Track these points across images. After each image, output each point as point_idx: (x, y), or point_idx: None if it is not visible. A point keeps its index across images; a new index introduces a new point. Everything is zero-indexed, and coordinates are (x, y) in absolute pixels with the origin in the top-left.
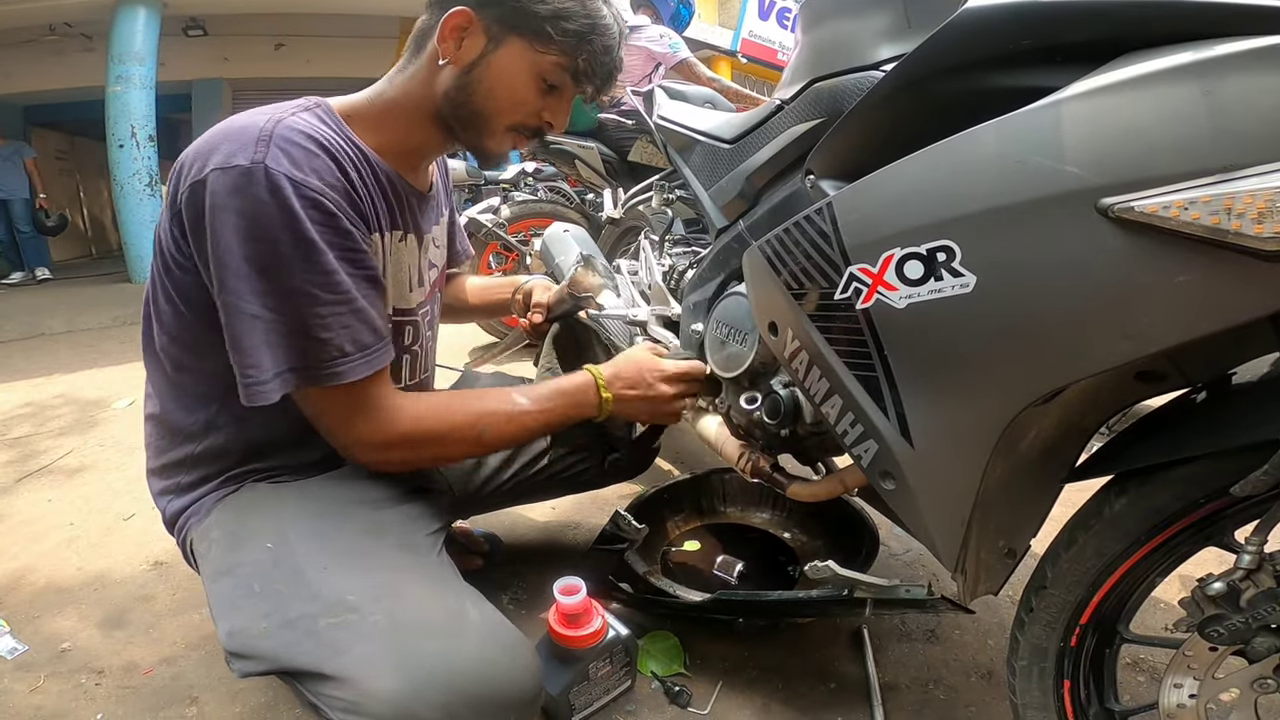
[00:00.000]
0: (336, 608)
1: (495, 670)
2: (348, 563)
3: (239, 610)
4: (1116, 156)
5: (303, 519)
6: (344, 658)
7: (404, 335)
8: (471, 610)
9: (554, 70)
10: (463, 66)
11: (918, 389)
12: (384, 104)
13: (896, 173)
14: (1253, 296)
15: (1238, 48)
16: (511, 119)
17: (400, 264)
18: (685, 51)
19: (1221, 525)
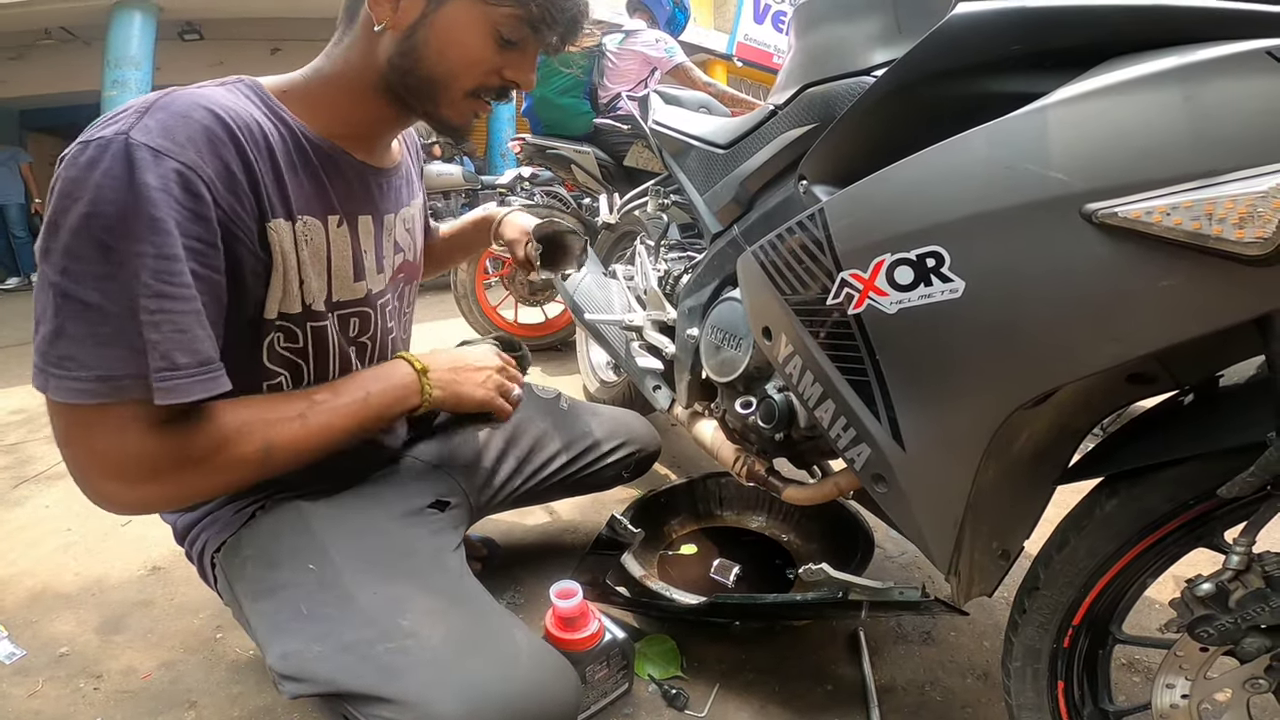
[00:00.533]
0: (393, 633)
1: (545, 692)
2: (394, 585)
3: (289, 633)
4: (1100, 162)
5: (341, 539)
6: (402, 681)
7: (349, 327)
8: (519, 636)
9: (509, 22)
10: (403, 30)
11: (909, 393)
12: (321, 80)
13: (887, 179)
14: (1236, 300)
15: (1219, 53)
16: (469, 81)
17: (341, 251)
18: (681, 56)
19: (1211, 526)
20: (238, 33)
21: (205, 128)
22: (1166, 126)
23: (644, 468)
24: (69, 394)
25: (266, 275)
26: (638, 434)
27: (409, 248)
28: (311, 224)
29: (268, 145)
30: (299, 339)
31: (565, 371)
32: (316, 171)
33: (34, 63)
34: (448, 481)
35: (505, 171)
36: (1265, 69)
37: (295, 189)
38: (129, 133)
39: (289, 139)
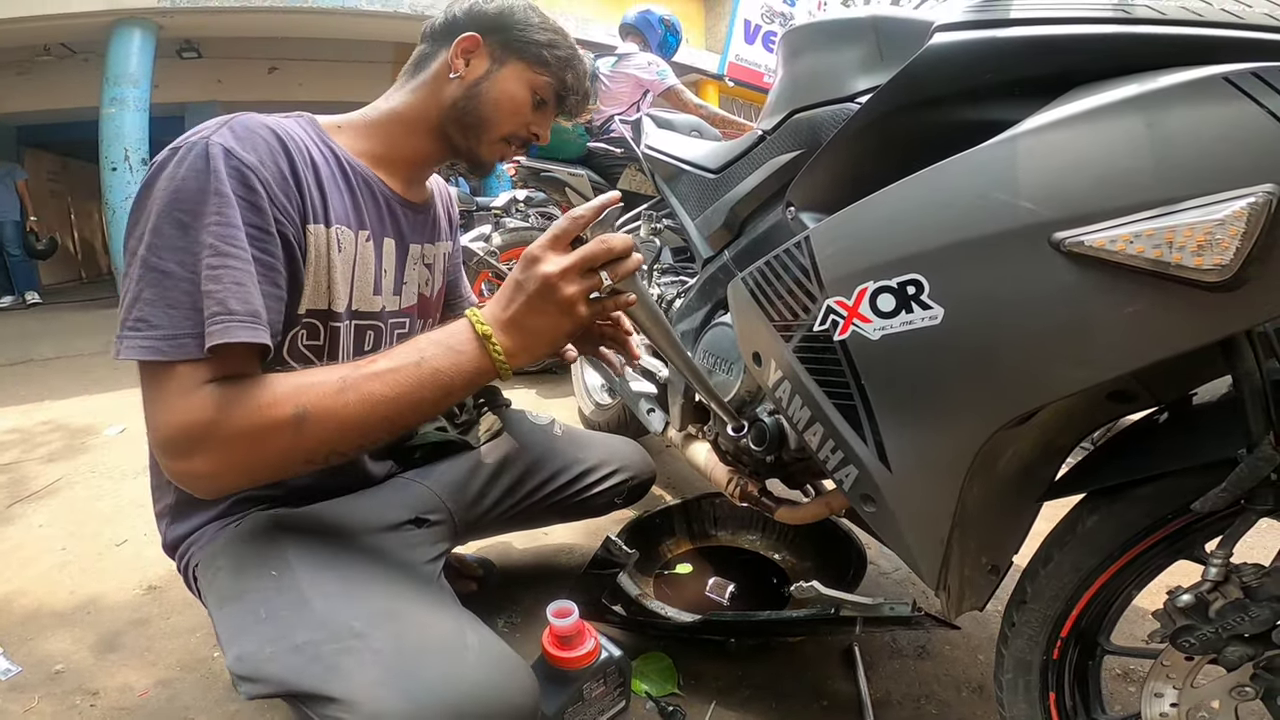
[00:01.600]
0: (341, 634)
1: (494, 692)
2: (350, 590)
3: (246, 635)
4: (1066, 191)
5: (306, 547)
6: (348, 681)
7: (364, 339)
8: (470, 634)
9: (546, 87)
10: (470, 81)
11: (894, 416)
12: (380, 115)
13: (868, 207)
14: (1199, 325)
15: (1177, 80)
16: (507, 128)
17: (365, 264)
18: (673, 79)
19: (1191, 539)
20: (236, 51)
21: (266, 140)
22: (1128, 154)
23: (637, 494)
24: (135, 351)
25: (302, 272)
26: (631, 461)
27: (427, 284)
28: (345, 233)
29: (313, 162)
30: (320, 336)
31: (560, 394)
32: (354, 190)
33: (33, 79)
34: (432, 499)
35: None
36: (1222, 95)
37: (335, 201)
38: (209, 138)
39: (332, 160)
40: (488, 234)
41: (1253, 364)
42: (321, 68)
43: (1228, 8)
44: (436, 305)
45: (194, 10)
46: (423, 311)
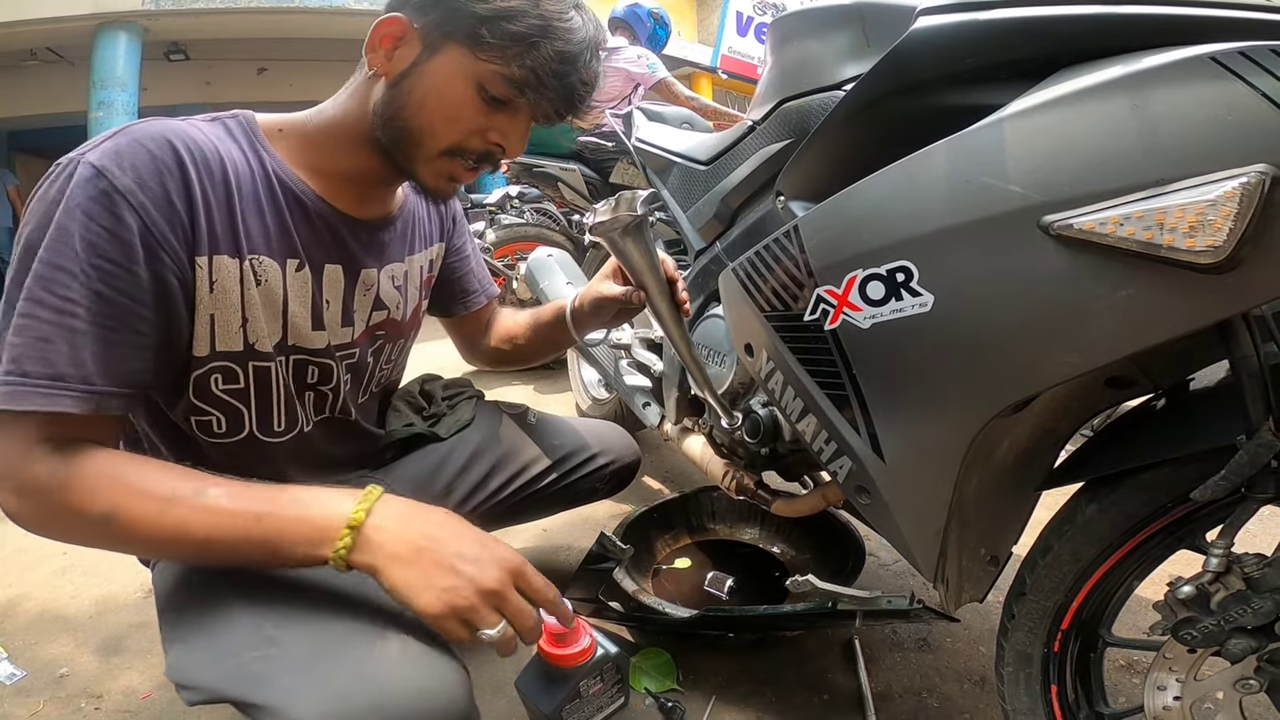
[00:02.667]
0: (261, 641)
1: (415, 691)
2: (275, 595)
3: (177, 644)
4: (1055, 174)
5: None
6: (268, 689)
7: (307, 374)
8: (391, 633)
9: (494, 80)
10: (393, 78)
11: (886, 406)
12: (319, 123)
13: (856, 194)
14: (1193, 308)
15: (1164, 60)
16: (446, 139)
17: (300, 297)
18: (663, 71)
19: (1192, 528)
20: (224, 53)
21: (153, 156)
22: (1116, 136)
23: (622, 480)
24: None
25: (183, 310)
26: (612, 445)
27: (395, 305)
28: (266, 264)
29: (225, 180)
30: (239, 379)
31: (557, 390)
32: (282, 213)
33: (20, 84)
34: None
35: (494, 190)
36: (1209, 75)
37: (253, 227)
38: (84, 156)
39: (259, 178)
40: (482, 231)
41: (1250, 348)
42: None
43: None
44: (413, 322)
45: (179, 12)
46: (393, 333)
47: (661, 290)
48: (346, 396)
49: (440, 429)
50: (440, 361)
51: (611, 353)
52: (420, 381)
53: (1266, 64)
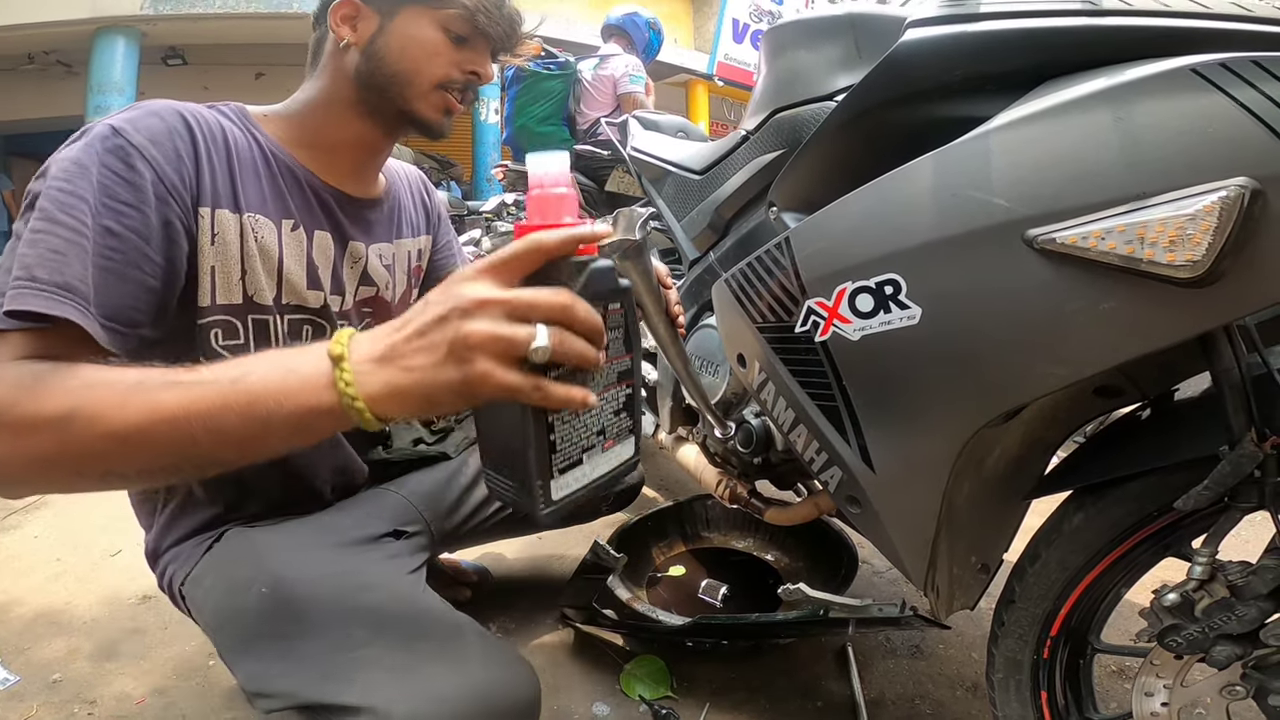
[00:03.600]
0: (344, 644)
1: (500, 687)
2: (345, 601)
3: (252, 654)
4: (1039, 187)
5: (292, 564)
6: (358, 688)
7: (302, 333)
8: (470, 635)
9: (454, 20)
10: (365, 42)
11: (876, 417)
12: (304, 103)
13: (845, 207)
14: (1175, 321)
15: (1145, 72)
16: (433, 73)
17: (295, 255)
18: (632, 86)
19: (1179, 536)
20: (221, 58)
21: (166, 122)
22: (1098, 149)
23: (625, 499)
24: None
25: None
26: None
27: (384, 284)
28: (262, 222)
29: (226, 146)
30: (239, 334)
31: None
32: (276, 180)
33: (17, 88)
34: (408, 510)
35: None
36: (1190, 87)
37: (249, 189)
38: (107, 120)
39: (254, 149)
40: (478, 239)
41: (1231, 360)
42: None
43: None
44: (402, 308)
45: (177, 17)
46: (381, 315)
47: (658, 308)
48: None
49: (448, 445)
50: None
51: None
52: None
53: (1247, 76)
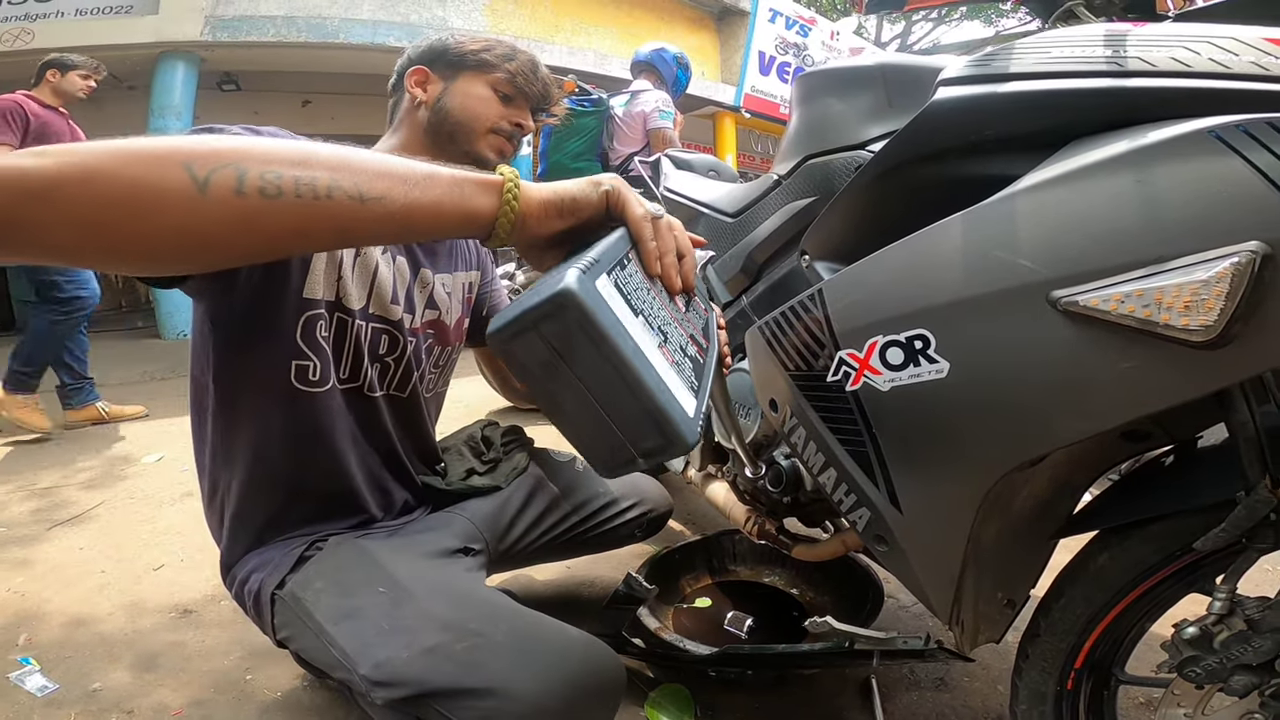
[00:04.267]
0: (465, 634)
1: (599, 667)
2: (457, 599)
3: (376, 646)
4: (1062, 250)
5: (402, 568)
6: (482, 672)
7: (379, 342)
8: (569, 628)
9: (501, 82)
10: (433, 100)
11: (904, 463)
12: (385, 148)
13: (878, 262)
14: (1190, 380)
15: (1164, 135)
16: (486, 121)
17: (383, 274)
18: (661, 122)
19: (1202, 574)
20: (272, 85)
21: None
22: (1119, 212)
23: (656, 527)
24: None
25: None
26: (650, 495)
27: (445, 309)
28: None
29: None
30: (326, 328)
31: None
32: None
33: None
34: (472, 530)
35: None
36: (1208, 150)
37: None
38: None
39: None
40: (511, 272)
41: (1245, 414)
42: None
43: (1216, 57)
44: (457, 335)
45: (234, 44)
46: (441, 338)
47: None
48: (409, 378)
49: (499, 476)
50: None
51: None
52: (480, 426)
53: (1263, 139)
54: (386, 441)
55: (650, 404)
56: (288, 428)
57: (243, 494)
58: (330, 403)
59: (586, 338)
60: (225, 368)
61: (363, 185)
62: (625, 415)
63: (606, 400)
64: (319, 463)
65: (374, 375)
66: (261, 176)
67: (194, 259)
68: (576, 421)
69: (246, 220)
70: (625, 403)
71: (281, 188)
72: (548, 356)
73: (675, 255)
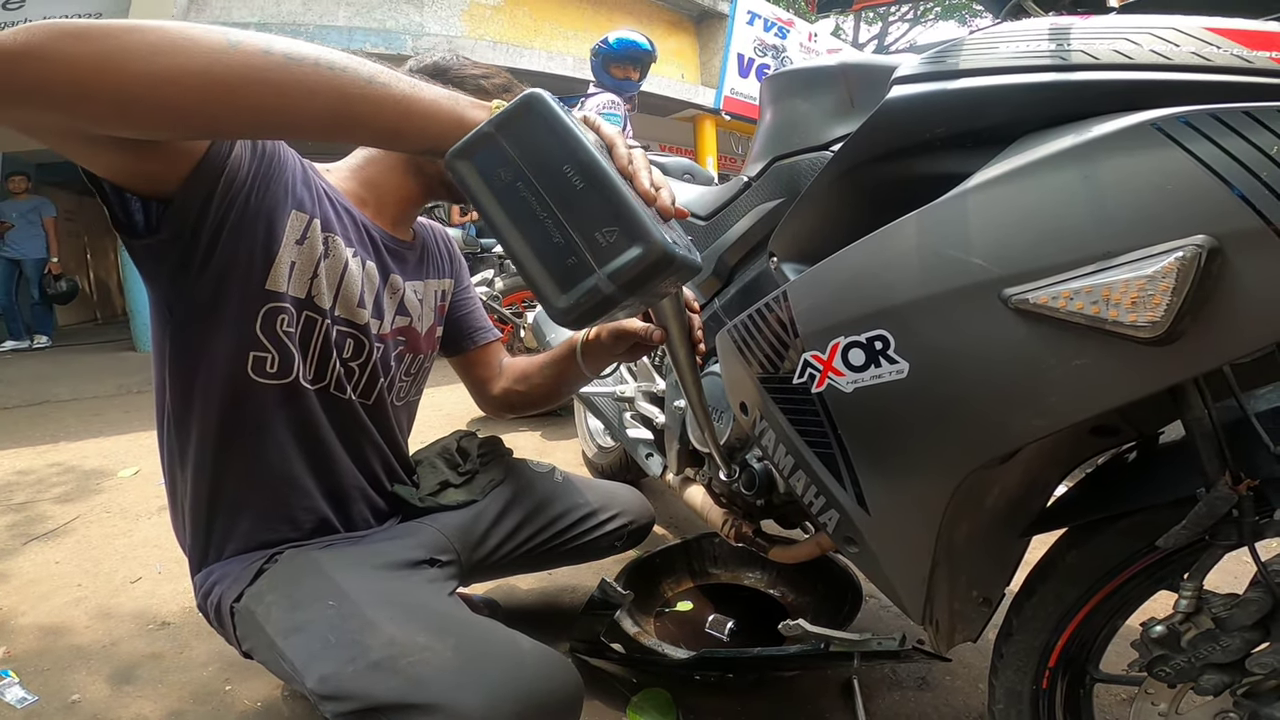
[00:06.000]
0: (412, 649)
1: (551, 684)
2: (408, 612)
3: (322, 659)
4: (1011, 248)
5: (354, 581)
6: (428, 688)
7: (345, 345)
8: (523, 640)
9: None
10: None
11: (870, 463)
12: (356, 164)
13: (838, 263)
14: (1140, 377)
15: (1109, 128)
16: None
17: (352, 277)
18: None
19: (1170, 570)
20: None
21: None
22: (1066, 208)
23: (637, 538)
24: None
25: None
26: (631, 507)
27: (417, 316)
28: (338, 241)
29: (316, 185)
30: (294, 324)
31: (564, 436)
32: (342, 216)
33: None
34: (442, 541)
35: None
36: (1151, 143)
37: (330, 215)
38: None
39: (324, 188)
40: (490, 278)
41: (1200, 410)
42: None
43: (1156, 48)
44: (429, 343)
45: None
46: (412, 345)
47: (683, 337)
48: (376, 385)
49: (475, 489)
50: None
51: (616, 405)
52: (456, 438)
53: (1206, 130)
54: (353, 447)
55: (614, 197)
56: (244, 422)
57: (199, 495)
58: (290, 398)
59: (551, 132)
60: (181, 356)
61: (373, 71)
62: (586, 217)
63: (566, 203)
64: (273, 461)
65: (341, 376)
66: (288, 46)
67: (206, 109)
68: (533, 240)
69: (264, 74)
70: (588, 202)
71: (304, 56)
72: (507, 164)
73: (647, 171)
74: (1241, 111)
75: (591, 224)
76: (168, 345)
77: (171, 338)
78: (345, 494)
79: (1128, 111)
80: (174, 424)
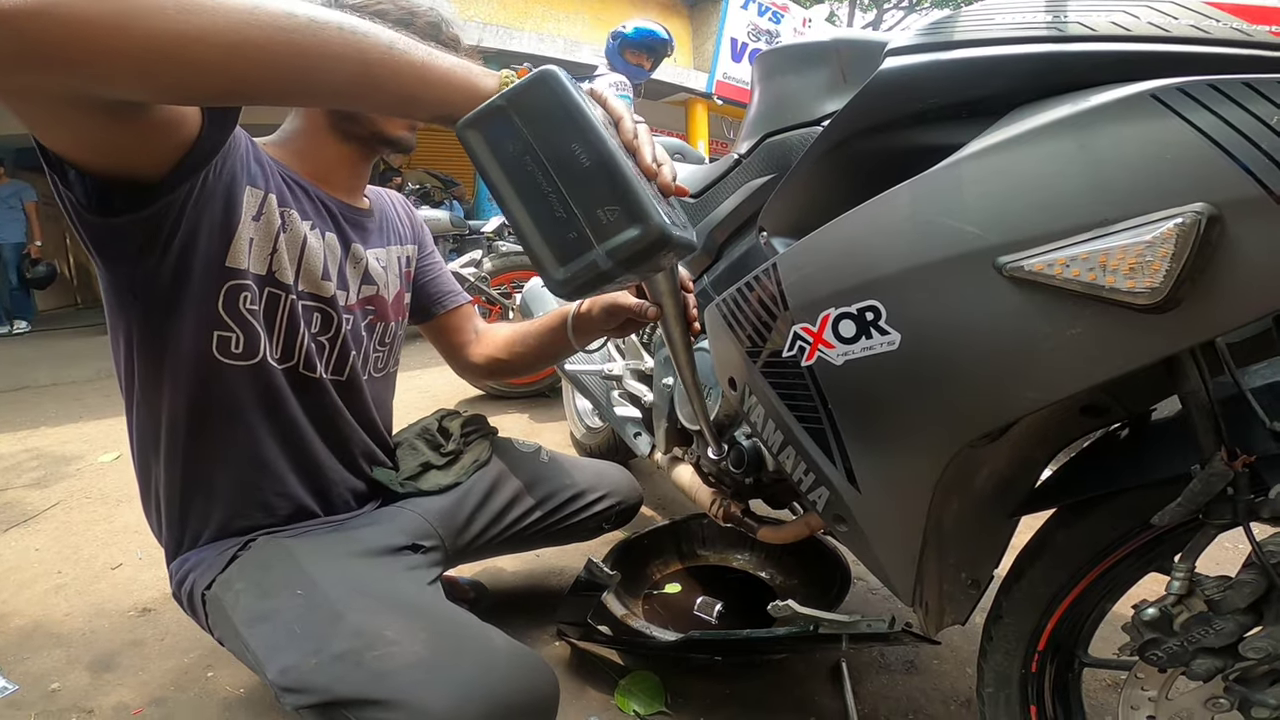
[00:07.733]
0: (378, 642)
1: (523, 684)
2: (377, 603)
3: (285, 650)
4: (1008, 215)
5: (324, 569)
6: (392, 683)
7: (312, 320)
8: (496, 637)
9: None
10: None
11: (860, 439)
12: (289, 136)
13: (828, 234)
14: (1139, 346)
15: (1106, 98)
16: None
17: (312, 250)
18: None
19: (1161, 551)
20: None
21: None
22: (1063, 176)
23: (625, 519)
24: None
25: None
26: (619, 486)
27: (383, 284)
28: (294, 216)
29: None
30: (258, 301)
31: (552, 418)
32: (293, 188)
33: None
34: (424, 526)
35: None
36: (1149, 112)
37: (284, 190)
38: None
39: (269, 162)
40: (479, 259)
41: (1197, 383)
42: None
43: (1155, 20)
44: (397, 310)
45: None
46: (381, 314)
47: (677, 314)
48: (348, 359)
49: (458, 471)
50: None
51: (604, 384)
52: (438, 417)
53: (1204, 99)
54: (327, 428)
55: (618, 177)
56: (213, 406)
57: (172, 481)
58: (258, 379)
59: (562, 109)
60: (146, 341)
61: (392, 37)
62: (590, 194)
63: (571, 179)
64: (245, 445)
65: (311, 353)
66: (310, 9)
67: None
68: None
69: (292, 36)
70: (593, 180)
71: (328, 20)
72: (515, 137)
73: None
74: (1241, 82)
75: (594, 201)
76: (133, 331)
77: (136, 322)
78: (322, 477)
79: (1125, 83)
80: (143, 411)
